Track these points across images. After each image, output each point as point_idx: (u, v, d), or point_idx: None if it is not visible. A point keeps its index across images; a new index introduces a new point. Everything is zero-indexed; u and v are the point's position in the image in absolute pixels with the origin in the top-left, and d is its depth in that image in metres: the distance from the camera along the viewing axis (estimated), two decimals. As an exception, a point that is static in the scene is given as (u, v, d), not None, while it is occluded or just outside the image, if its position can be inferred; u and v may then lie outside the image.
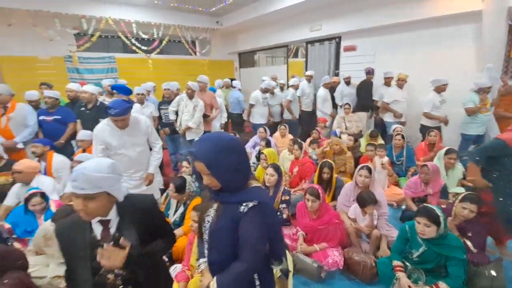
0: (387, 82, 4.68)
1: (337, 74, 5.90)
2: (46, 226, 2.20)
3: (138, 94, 3.85)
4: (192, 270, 2.06)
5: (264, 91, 5.17)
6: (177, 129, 4.01)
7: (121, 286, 1.13)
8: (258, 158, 3.91)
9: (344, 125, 4.83)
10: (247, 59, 9.01)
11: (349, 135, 4.48)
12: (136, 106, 3.66)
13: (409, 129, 4.51)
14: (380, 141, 4.27)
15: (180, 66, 7.73)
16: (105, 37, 6.70)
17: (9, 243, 2.32)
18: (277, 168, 2.65)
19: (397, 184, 3.64)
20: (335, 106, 5.37)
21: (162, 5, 6.21)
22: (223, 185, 1.03)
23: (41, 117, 3.41)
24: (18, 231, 2.40)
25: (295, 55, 8.46)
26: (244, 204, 1.02)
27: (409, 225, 1.94)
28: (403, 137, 3.82)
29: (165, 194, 2.96)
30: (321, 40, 6.17)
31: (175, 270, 2.16)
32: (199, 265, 1.22)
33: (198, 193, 2.73)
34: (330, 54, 6.06)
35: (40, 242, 2.17)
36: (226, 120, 5.11)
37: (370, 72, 4.91)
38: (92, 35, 5.90)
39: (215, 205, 1.12)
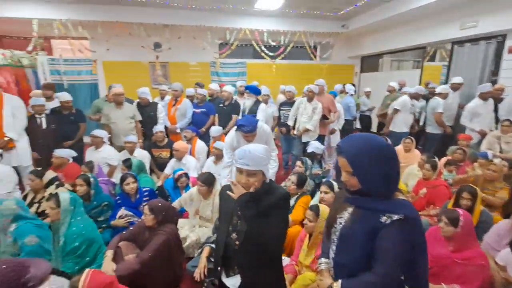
0: None
1: (493, 82, 4.68)
2: (193, 190, 2.79)
3: (264, 95, 4.31)
4: (299, 266, 2.15)
5: (414, 96, 4.72)
6: (293, 133, 4.21)
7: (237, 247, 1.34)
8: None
9: (499, 146, 3.79)
10: (370, 63, 8.40)
11: (502, 159, 3.48)
12: (262, 105, 4.07)
13: None
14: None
15: (300, 71, 8.03)
16: (240, 45, 7.77)
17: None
18: None
19: None
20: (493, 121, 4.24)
21: (291, 13, 6.62)
22: (364, 189, 1.00)
23: (193, 109, 4.33)
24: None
25: (431, 59, 7.25)
26: (387, 215, 0.96)
27: None
28: None
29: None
30: (474, 40, 5.04)
31: (282, 261, 2.31)
32: (320, 264, 1.24)
33: (310, 192, 2.81)
34: (486, 56, 4.86)
35: (186, 200, 2.78)
36: (341, 127, 4.94)
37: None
38: (231, 44, 6.96)
39: (350, 208, 1.10)
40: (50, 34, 6.05)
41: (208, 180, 2.52)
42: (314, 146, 3.47)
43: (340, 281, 1.04)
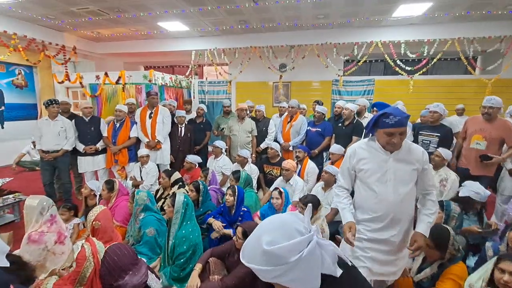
0: None
1: None
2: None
3: (395, 115, 3.51)
4: None
5: None
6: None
7: None
8: None
9: None
10: None
11: None
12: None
13: None
14: None
15: (449, 88, 6.38)
16: (369, 61, 7.03)
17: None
18: None
19: None
20: None
21: (442, 17, 5.37)
22: None
23: (308, 127, 4.08)
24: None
25: None
26: None
27: None
28: None
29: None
30: None
31: None
32: None
33: (461, 257, 1.89)
34: None
35: None
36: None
37: None
38: (359, 61, 6.36)
39: None
40: (202, 62, 7.49)
41: (310, 203, 2.13)
42: (472, 190, 2.39)
43: None
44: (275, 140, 4.24)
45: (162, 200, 3.12)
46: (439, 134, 3.25)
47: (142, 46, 7.72)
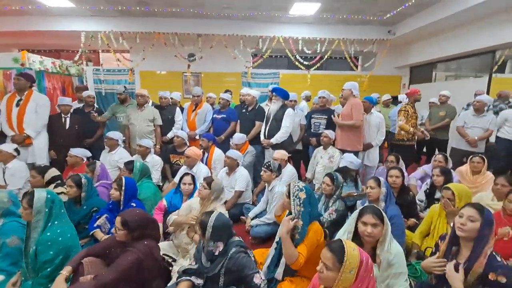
0: None
1: None
2: (194, 199, 2.37)
3: (291, 100, 3.83)
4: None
5: None
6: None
7: None
8: (428, 194, 2.85)
9: None
10: (420, 74, 7.46)
11: None
12: (289, 110, 3.54)
13: None
14: None
15: (338, 82, 7.37)
16: (275, 56, 7.51)
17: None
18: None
19: None
20: None
21: (330, 18, 6.16)
22: None
23: (214, 115, 4.03)
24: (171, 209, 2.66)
25: (501, 70, 6.10)
26: None
27: None
28: None
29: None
30: None
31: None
32: None
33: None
34: None
35: (184, 211, 2.33)
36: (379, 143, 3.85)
37: None
38: (263, 54, 6.69)
39: None
40: (95, 46, 6.46)
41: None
42: (348, 160, 2.82)
43: None
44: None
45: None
46: (326, 117, 3.71)
47: (12, 23, 6.12)
